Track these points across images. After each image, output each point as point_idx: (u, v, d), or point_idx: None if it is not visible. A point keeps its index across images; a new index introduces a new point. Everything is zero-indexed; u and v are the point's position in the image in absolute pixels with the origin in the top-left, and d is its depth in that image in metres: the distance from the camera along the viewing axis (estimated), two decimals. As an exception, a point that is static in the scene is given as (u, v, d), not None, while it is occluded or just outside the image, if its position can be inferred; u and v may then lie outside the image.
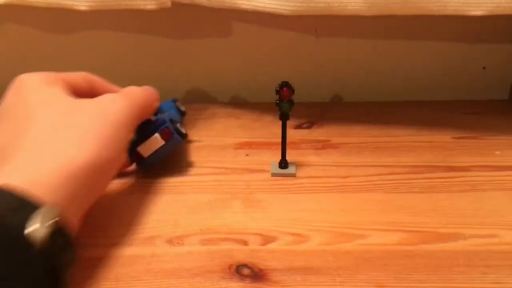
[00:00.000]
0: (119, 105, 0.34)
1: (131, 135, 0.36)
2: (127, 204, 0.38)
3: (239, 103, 0.55)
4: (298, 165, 0.43)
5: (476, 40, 0.54)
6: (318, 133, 0.49)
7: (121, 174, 0.40)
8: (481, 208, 0.37)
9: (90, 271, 0.31)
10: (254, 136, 0.48)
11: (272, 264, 0.31)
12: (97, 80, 0.39)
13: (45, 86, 0.34)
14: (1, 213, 0.25)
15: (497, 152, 0.45)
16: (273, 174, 0.42)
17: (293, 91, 0.39)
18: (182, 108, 0.49)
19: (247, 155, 0.45)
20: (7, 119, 0.33)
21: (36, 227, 0.25)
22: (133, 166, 0.41)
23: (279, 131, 0.41)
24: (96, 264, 0.32)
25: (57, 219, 0.26)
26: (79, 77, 0.38)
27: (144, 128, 0.39)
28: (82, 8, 0.46)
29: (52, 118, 0.32)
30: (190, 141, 0.47)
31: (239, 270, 0.31)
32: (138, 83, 0.39)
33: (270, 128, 0.49)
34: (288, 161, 0.42)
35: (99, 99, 0.35)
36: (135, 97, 0.37)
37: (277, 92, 0.39)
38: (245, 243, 0.34)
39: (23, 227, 0.25)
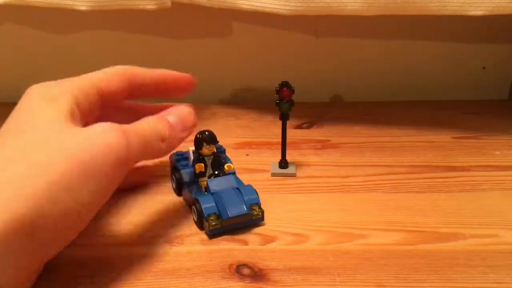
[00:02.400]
0: (108, 143, 0.28)
1: (114, 184, 0.29)
2: (127, 204, 0.38)
3: (239, 103, 0.55)
4: (298, 165, 0.43)
5: (476, 40, 0.54)
6: (318, 133, 0.49)
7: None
8: (481, 208, 0.37)
9: (90, 270, 0.31)
10: (254, 136, 0.48)
11: (272, 264, 0.31)
12: (138, 73, 0.34)
13: (44, 105, 0.29)
14: None
15: (497, 152, 0.45)
16: (273, 174, 0.42)
17: (293, 91, 0.39)
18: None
19: (247, 155, 0.45)
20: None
21: None
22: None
23: (279, 131, 0.41)
24: (96, 264, 0.32)
25: None
26: (110, 76, 0.33)
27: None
28: (82, 8, 0.46)
29: (17, 148, 0.27)
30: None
31: (239, 270, 0.31)
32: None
33: (270, 128, 0.49)
34: (288, 161, 0.42)
35: (88, 130, 0.28)
36: (138, 135, 0.30)
37: (277, 92, 0.39)
38: (245, 243, 0.33)
39: None
